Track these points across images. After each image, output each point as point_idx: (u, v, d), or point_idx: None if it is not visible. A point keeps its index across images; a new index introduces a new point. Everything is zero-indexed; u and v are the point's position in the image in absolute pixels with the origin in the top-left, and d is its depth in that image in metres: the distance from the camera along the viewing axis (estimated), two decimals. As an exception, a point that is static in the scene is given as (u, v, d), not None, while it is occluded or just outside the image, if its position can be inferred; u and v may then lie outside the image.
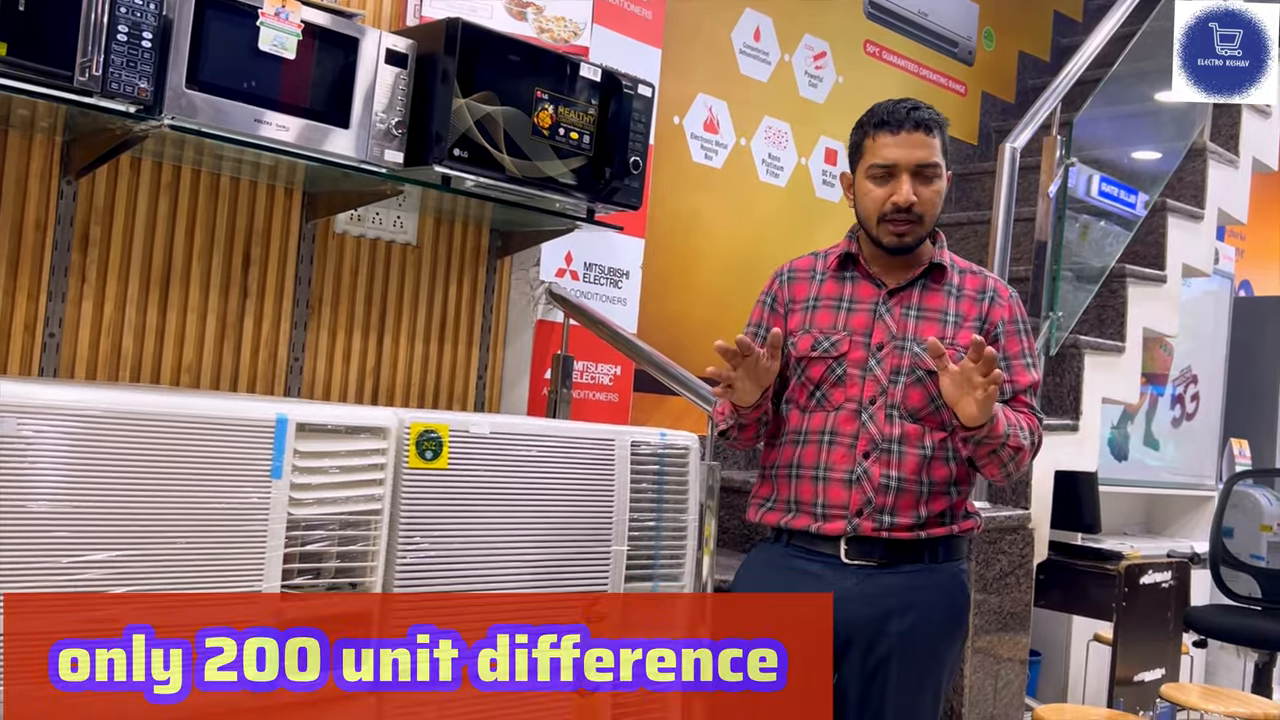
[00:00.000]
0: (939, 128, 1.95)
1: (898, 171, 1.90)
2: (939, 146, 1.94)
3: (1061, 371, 3.43)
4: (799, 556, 1.96)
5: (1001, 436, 1.83)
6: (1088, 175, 3.58)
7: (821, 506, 1.93)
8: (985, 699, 2.87)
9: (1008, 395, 1.95)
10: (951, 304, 1.96)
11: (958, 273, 2.00)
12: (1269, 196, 6.39)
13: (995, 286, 2.01)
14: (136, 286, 2.31)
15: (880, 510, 1.90)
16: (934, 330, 1.93)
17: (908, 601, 1.90)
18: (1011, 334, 1.98)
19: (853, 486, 1.91)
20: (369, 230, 2.66)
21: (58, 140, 2.20)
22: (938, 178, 1.93)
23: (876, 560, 1.91)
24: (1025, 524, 3.00)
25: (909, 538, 1.91)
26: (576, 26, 2.79)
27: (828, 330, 1.97)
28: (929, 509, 1.92)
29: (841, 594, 1.89)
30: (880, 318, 1.95)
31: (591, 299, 3.01)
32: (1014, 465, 1.89)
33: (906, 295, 1.97)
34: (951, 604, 1.97)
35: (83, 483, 1.57)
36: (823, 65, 4.10)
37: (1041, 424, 1.96)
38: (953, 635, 1.98)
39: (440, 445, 1.95)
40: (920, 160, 1.90)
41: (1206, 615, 3.89)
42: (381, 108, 2.21)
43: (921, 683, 1.93)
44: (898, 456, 1.91)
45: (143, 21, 1.89)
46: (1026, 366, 1.98)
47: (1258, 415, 5.68)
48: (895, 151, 1.90)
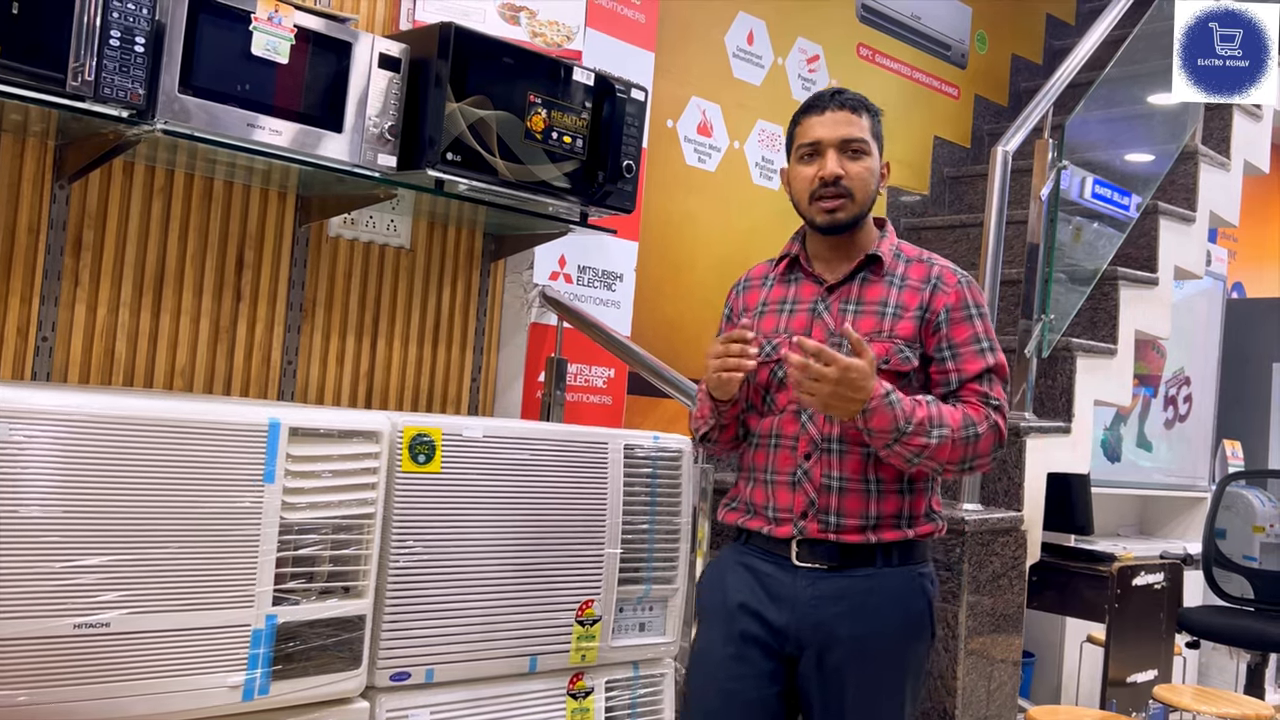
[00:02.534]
0: (867, 111, 1.95)
1: (823, 148, 1.91)
2: (867, 127, 1.93)
3: (1054, 374, 3.44)
4: (754, 555, 1.96)
5: (889, 432, 1.79)
6: (1080, 178, 3.58)
7: (772, 510, 1.93)
8: (978, 700, 2.87)
9: (952, 385, 1.91)
10: (892, 295, 1.93)
11: (903, 262, 1.96)
12: (1261, 199, 6.41)
13: (940, 273, 1.94)
14: (129, 290, 2.31)
15: (824, 511, 1.88)
16: (871, 323, 1.91)
17: (858, 605, 1.87)
18: (958, 320, 1.91)
19: (796, 489, 1.91)
20: (362, 234, 2.66)
21: (50, 144, 2.20)
22: (866, 154, 1.92)
23: (827, 564, 1.89)
24: (1018, 526, 3.00)
25: (859, 540, 1.88)
26: (569, 30, 2.80)
27: (770, 334, 1.98)
28: (879, 509, 1.89)
29: (792, 596, 1.89)
30: (819, 316, 1.95)
31: (585, 302, 3.01)
32: (929, 460, 1.82)
33: (846, 290, 1.95)
34: (907, 608, 1.91)
35: (75, 488, 1.57)
36: (816, 68, 4.11)
37: (999, 411, 1.89)
38: (911, 640, 1.92)
39: (433, 449, 1.95)
40: (845, 135, 1.91)
41: (1199, 616, 3.91)
42: (375, 112, 2.21)
43: (880, 688, 1.89)
44: (838, 456, 1.89)
45: (135, 26, 1.89)
46: (978, 353, 1.91)
47: (1250, 416, 5.70)
48: (820, 129, 1.92)
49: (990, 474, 3.17)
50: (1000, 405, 1.91)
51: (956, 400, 1.91)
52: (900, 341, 1.89)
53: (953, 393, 1.91)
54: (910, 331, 1.90)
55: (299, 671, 1.77)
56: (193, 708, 1.67)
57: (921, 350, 1.92)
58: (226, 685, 1.69)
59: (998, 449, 1.90)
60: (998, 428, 1.88)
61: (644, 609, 2.25)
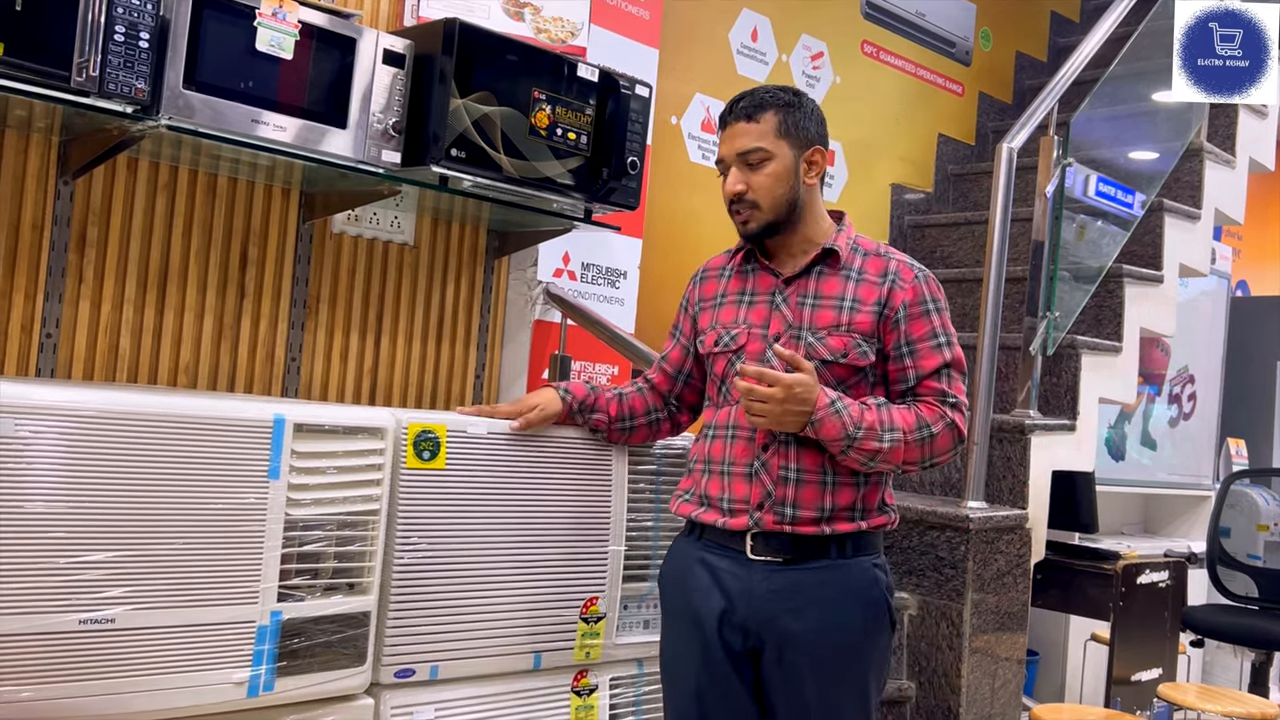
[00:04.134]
0: (770, 109, 1.92)
1: (727, 165, 1.96)
2: (768, 130, 1.91)
3: (1058, 371, 3.43)
4: (709, 551, 1.95)
5: (840, 440, 1.82)
6: (1085, 175, 3.57)
7: (727, 501, 1.93)
8: (983, 699, 2.87)
9: (910, 383, 1.92)
10: (849, 289, 1.93)
11: (860, 255, 1.97)
12: (1266, 197, 6.40)
13: (897, 269, 1.94)
14: (134, 287, 2.31)
15: (781, 503, 1.88)
16: (829, 317, 1.92)
17: (815, 598, 1.87)
18: (915, 316, 1.92)
19: (753, 480, 1.91)
20: (366, 230, 2.66)
21: (55, 140, 2.19)
22: (766, 160, 1.92)
23: (782, 556, 1.89)
24: (1022, 524, 3.00)
25: (813, 532, 1.88)
26: (574, 27, 2.79)
27: (729, 325, 1.99)
28: (835, 501, 1.89)
29: (748, 591, 1.89)
30: (777, 308, 1.95)
31: (589, 299, 3.01)
32: (884, 463, 1.85)
33: (802, 283, 1.96)
34: (864, 599, 1.90)
35: (80, 483, 1.57)
36: (820, 65, 4.10)
37: (955, 408, 1.90)
38: (871, 630, 1.91)
39: (438, 445, 1.95)
40: (740, 149, 1.93)
41: (1203, 615, 3.90)
42: (379, 108, 2.21)
43: (842, 680, 1.89)
44: (796, 448, 1.89)
45: (140, 22, 1.89)
46: (935, 348, 1.91)
47: (1255, 415, 5.69)
48: (723, 146, 1.97)
49: (995, 472, 3.16)
50: (957, 402, 1.92)
51: (914, 398, 1.92)
52: (858, 335, 1.90)
53: (910, 389, 1.92)
54: (868, 325, 1.91)
55: (304, 668, 1.77)
56: (197, 704, 1.67)
57: (880, 346, 1.92)
58: (231, 681, 1.69)
59: (958, 444, 1.92)
60: (954, 425, 1.90)
61: (648, 606, 2.25)
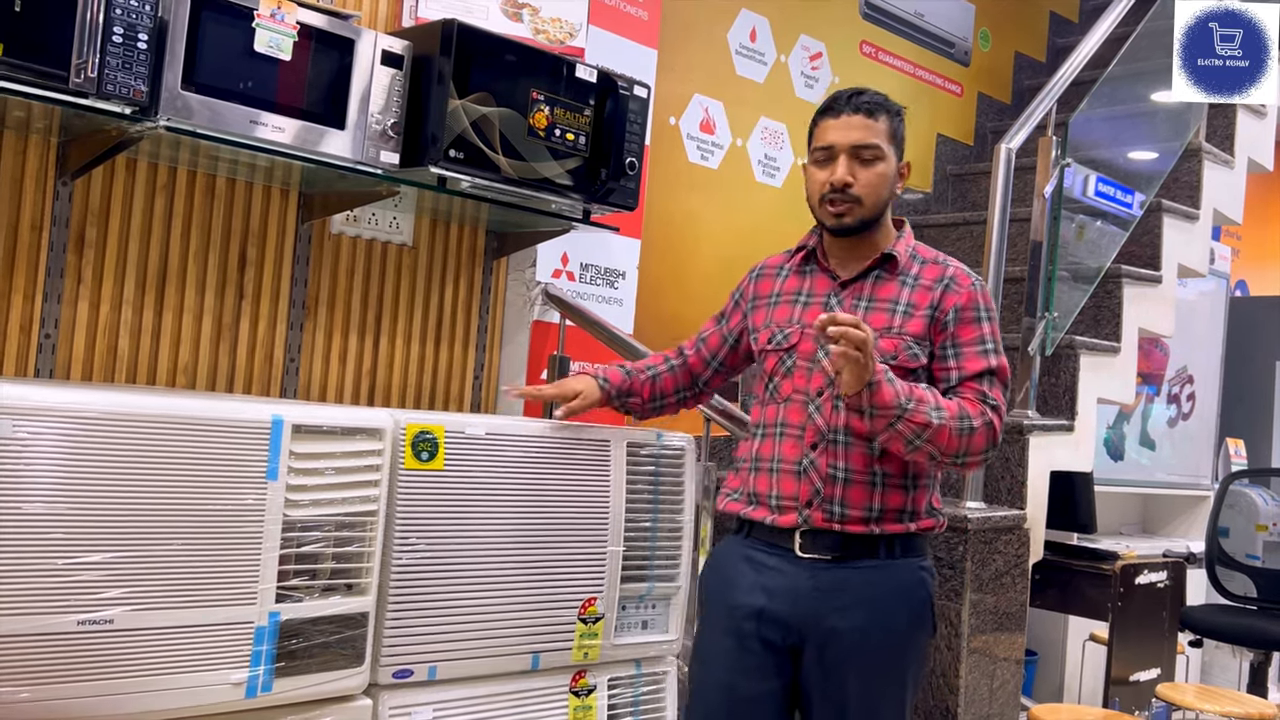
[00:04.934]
0: (885, 113, 1.95)
1: (835, 153, 1.94)
2: (883, 131, 1.94)
3: (1057, 372, 3.43)
4: (757, 549, 1.96)
5: (893, 408, 1.78)
6: (1083, 175, 3.58)
7: (775, 498, 1.94)
8: (981, 699, 2.87)
9: (952, 382, 1.92)
10: (904, 294, 1.95)
11: (918, 263, 1.99)
12: (1265, 197, 6.40)
13: (954, 274, 1.97)
14: (132, 287, 2.31)
15: (829, 501, 1.89)
16: (882, 320, 1.93)
17: (862, 598, 1.89)
18: (966, 321, 1.94)
19: (801, 478, 1.92)
20: (365, 231, 2.66)
21: (53, 141, 2.20)
22: (879, 160, 1.94)
23: (830, 554, 1.90)
24: (1021, 524, 3.00)
25: (863, 531, 1.89)
26: (572, 27, 2.79)
27: (783, 324, 2.01)
28: (883, 502, 1.90)
29: (794, 588, 1.90)
30: (831, 309, 1.96)
31: (588, 300, 3.01)
32: (928, 445, 1.82)
33: (859, 286, 1.98)
34: (910, 600, 1.93)
35: (78, 484, 1.57)
36: (819, 66, 4.10)
37: (995, 411, 1.89)
38: (913, 632, 1.94)
39: (436, 446, 1.95)
40: (857, 141, 1.92)
41: (1202, 615, 3.90)
42: (377, 109, 2.21)
43: (882, 680, 1.90)
44: (844, 447, 1.90)
45: (138, 23, 1.89)
46: (981, 353, 1.93)
47: (1253, 415, 5.70)
48: (833, 134, 1.94)
49: (993, 472, 3.16)
50: (997, 406, 1.91)
51: (955, 395, 1.91)
52: (909, 338, 1.92)
53: (952, 388, 1.92)
54: (920, 329, 1.93)
55: (302, 668, 1.77)
56: (195, 704, 1.67)
57: (930, 349, 1.94)
58: (229, 682, 1.70)
59: (991, 449, 1.90)
60: (992, 427, 1.89)
61: (646, 607, 2.25)
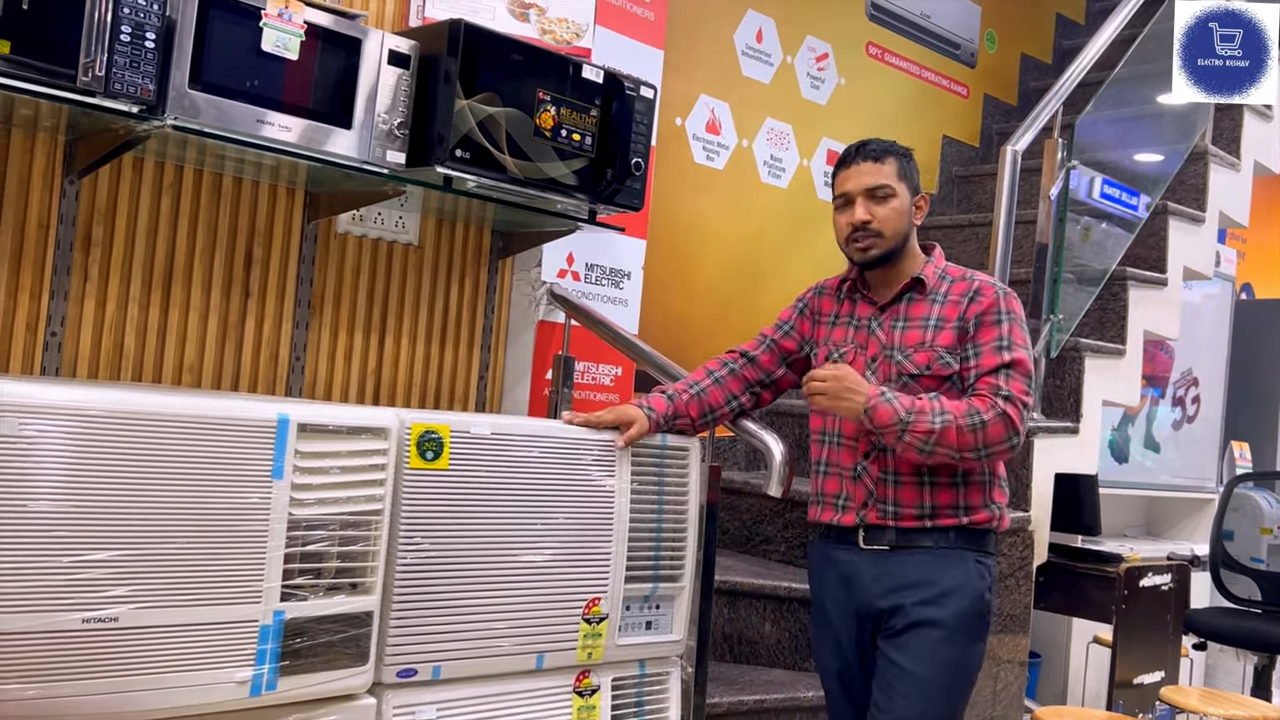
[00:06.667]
0: (891, 155, 2.15)
1: (852, 197, 2.14)
2: (891, 172, 2.14)
3: (1062, 374, 3.43)
4: (830, 544, 2.18)
5: (894, 425, 2.00)
6: (1089, 178, 3.58)
7: (841, 499, 2.16)
8: (985, 701, 2.87)
9: (970, 379, 2.07)
10: (935, 310, 2.13)
11: (947, 281, 2.16)
12: (1270, 200, 6.39)
13: (979, 286, 2.13)
14: (138, 286, 2.32)
15: (882, 501, 2.10)
16: (916, 336, 2.12)
17: (921, 579, 2.06)
18: (986, 324, 2.09)
19: (857, 481, 2.13)
20: (371, 230, 2.66)
21: (61, 140, 2.20)
22: (891, 196, 2.12)
23: (889, 544, 2.09)
24: (1025, 526, 3.00)
25: (916, 526, 2.08)
26: (579, 28, 2.80)
27: (839, 343, 2.22)
28: (934, 500, 2.08)
29: (860, 576, 2.11)
30: (873, 332, 2.17)
31: (593, 300, 3.01)
32: (940, 447, 1.99)
33: (895, 309, 2.17)
34: (962, 588, 2.05)
35: (84, 483, 1.57)
36: (825, 67, 4.10)
37: (1009, 400, 2.01)
38: (967, 620, 2.05)
39: (441, 445, 1.95)
40: (869, 184, 2.12)
41: (1206, 618, 3.90)
42: (384, 108, 2.21)
43: (935, 658, 2.03)
44: (893, 454, 2.08)
45: (146, 22, 1.90)
46: (996, 350, 2.06)
47: (1258, 418, 5.68)
48: (849, 182, 2.15)
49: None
50: (1011, 395, 2.03)
51: (973, 392, 2.07)
52: (940, 349, 2.09)
53: (970, 386, 2.08)
54: (950, 340, 2.10)
55: (306, 667, 1.77)
56: (200, 703, 1.67)
57: (961, 355, 2.10)
58: (234, 680, 1.70)
59: (1013, 436, 2.02)
60: (1006, 416, 2.01)
61: (651, 607, 2.25)
